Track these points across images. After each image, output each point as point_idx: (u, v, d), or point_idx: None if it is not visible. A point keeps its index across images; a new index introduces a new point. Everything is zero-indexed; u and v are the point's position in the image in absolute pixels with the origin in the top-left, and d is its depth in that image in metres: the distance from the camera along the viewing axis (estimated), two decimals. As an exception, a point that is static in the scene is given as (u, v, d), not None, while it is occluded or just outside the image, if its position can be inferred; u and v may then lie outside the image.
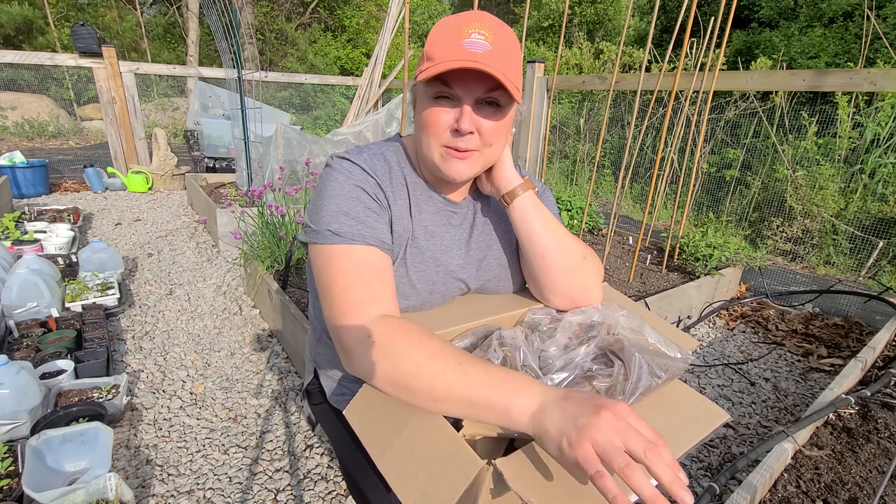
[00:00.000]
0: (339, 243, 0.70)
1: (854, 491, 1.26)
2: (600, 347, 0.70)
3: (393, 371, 0.61)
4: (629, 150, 2.49)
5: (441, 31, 0.68)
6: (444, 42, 0.67)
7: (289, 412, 1.62)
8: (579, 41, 9.14)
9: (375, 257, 0.71)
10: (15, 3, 10.39)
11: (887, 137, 3.48)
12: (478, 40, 0.66)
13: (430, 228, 0.81)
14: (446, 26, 0.68)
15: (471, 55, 0.65)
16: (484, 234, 0.87)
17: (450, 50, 0.66)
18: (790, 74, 2.34)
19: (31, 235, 2.77)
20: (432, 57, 0.67)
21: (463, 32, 0.66)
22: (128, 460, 1.38)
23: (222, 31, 3.28)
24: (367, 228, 0.71)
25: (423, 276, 0.80)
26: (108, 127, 4.61)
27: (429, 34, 0.70)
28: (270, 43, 12.09)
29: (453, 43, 0.66)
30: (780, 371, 2.01)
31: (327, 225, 0.70)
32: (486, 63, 0.64)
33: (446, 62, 0.65)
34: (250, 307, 2.36)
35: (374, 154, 0.79)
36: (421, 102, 0.73)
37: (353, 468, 0.81)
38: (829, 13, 7.18)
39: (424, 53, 0.70)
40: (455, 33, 0.67)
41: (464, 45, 0.65)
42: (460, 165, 0.72)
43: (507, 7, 16.29)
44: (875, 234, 3.27)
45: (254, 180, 3.48)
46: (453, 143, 0.71)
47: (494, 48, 0.66)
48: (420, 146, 0.76)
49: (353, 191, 0.73)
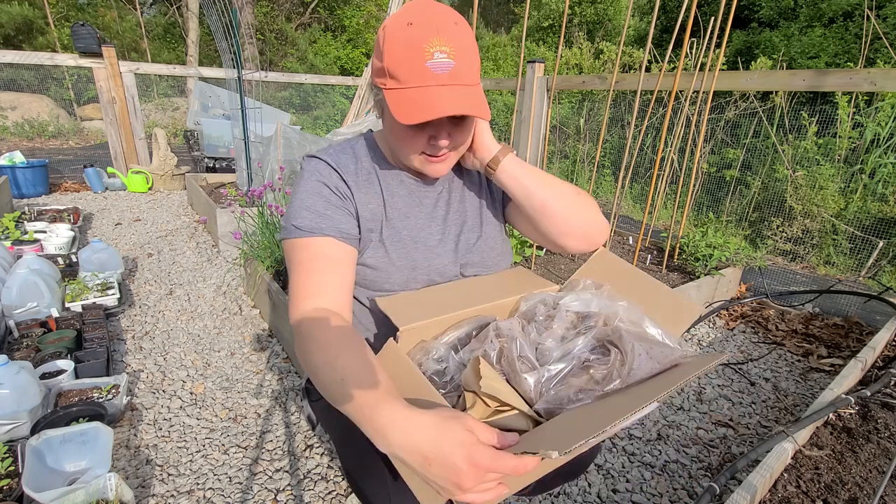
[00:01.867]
0: (299, 236, 0.77)
1: (854, 491, 1.26)
2: (598, 338, 0.71)
3: (304, 362, 0.68)
4: (629, 150, 2.49)
5: (401, 48, 0.69)
6: (407, 63, 0.68)
7: (289, 412, 1.62)
8: (579, 41, 9.14)
9: (331, 248, 0.77)
10: (15, 3, 10.39)
11: (887, 137, 3.48)
12: (440, 59, 0.68)
13: (403, 210, 0.86)
14: (406, 41, 0.68)
15: (435, 78, 0.68)
16: (459, 212, 0.91)
17: (415, 74, 0.68)
18: (790, 74, 2.34)
19: (31, 235, 2.77)
20: (397, 77, 0.69)
21: (425, 52, 0.67)
22: (128, 460, 1.38)
23: (222, 31, 3.28)
24: (326, 220, 0.77)
25: (403, 254, 0.84)
26: (108, 127, 4.61)
27: (385, 42, 0.70)
28: (270, 43, 12.09)
29: (417, 65, 0.68)
30: (780, 371, 2.01)
31: (292, 220, 0.78)
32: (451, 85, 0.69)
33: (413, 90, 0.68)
34: (250, 307, 2.36)
35: (342, 149, 0.86)
36: (390, 116, 0.75)
37: (353, 465, 0.81)
38: (829, 13, 7.18)
39: (385, 67, 0.70)
40: (417, 53, 0.68)
41: (427, 68, 0.68)
42: (439, 166, 0.80)
43: (507, 7, 16.30)
44: (875, 234, 3.27)
45: (254, 180, 3.48)
46: (430, 151, 0.77)
47: (457, 63, 0.69)
48: (397, 153, 0.82)
49: (315, 187, 0.80)
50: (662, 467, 1.45)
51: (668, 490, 1.36)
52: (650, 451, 1.51)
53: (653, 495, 1.34)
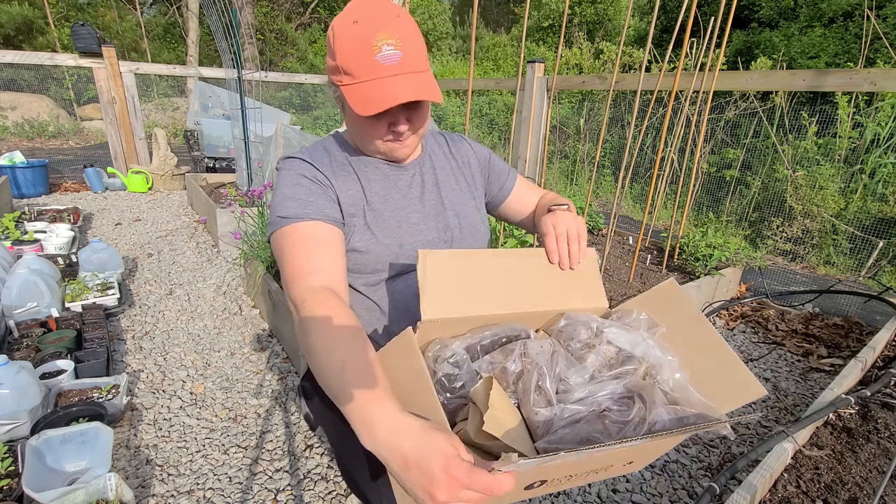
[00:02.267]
0: (286, 224, 0.79)
1: (854, 491, 1.26)
2: (628, 388, 0.64)
3: (304, 342, 0.68)
4: (629, 150, 2.49)
5: (350, 45, 0.73)
6: (358, 59, 0.73)
7: (289, 412, 1.62)
8: (579, 41, 9.14)
9: (320, 229, 0.79)
10: (15, 3, 10.39)
11: (887, 137, 3.48)
12: (388, 52, 0.72)
13: (381, 193, 0.89)
14: (354, 39, 0.73)
15: (386, 70, 0.72)
16: (434, 194, 0.94)
17: (366, 68, 0.73)
18: (790, 74, 2.34)
19: (31, 235, 2.77)
20: (350, 73, 0.74)
21: (373, 46, 0.72)
22: (128, 460, 1.38)
23: (222, 31, 3.28)
24: (310, 206, 0.80)
25: (388, 234, 0.86)
26: (108, 127, 4.61)
27: (335, 41, 0.74)
28: (270, 43, 12.09)
29: (367, 59, 0.72)
30: (780, 371, 2.01)
31: (277, 212, 0.80)
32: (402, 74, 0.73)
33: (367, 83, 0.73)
34: (250, 307, 2.36)
35: (313, 148, 0.91)
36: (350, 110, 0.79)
37: (349, 460, 0.82)
38: (829, 13, 7.18)
39: (338, 65, 0.75)
40: (366, 48, 0.72)
41: (377, 61, 0.72)
42: (403, 149, 0.85)
43: (507, 7, 16.30)
44: (875, 234, 3.27)
45: (254, 180, 3.48)
46: (392, 137, 0.82)
47: (405, 53, 0.73)
48: (362, 145, 0.87)
49: (295, 178, 0.83)
50: (662, 467, 1.45)
51: (668, 490, 1.36)
52: (650, 451, 1.51)
53: (653, 495, 1.34)
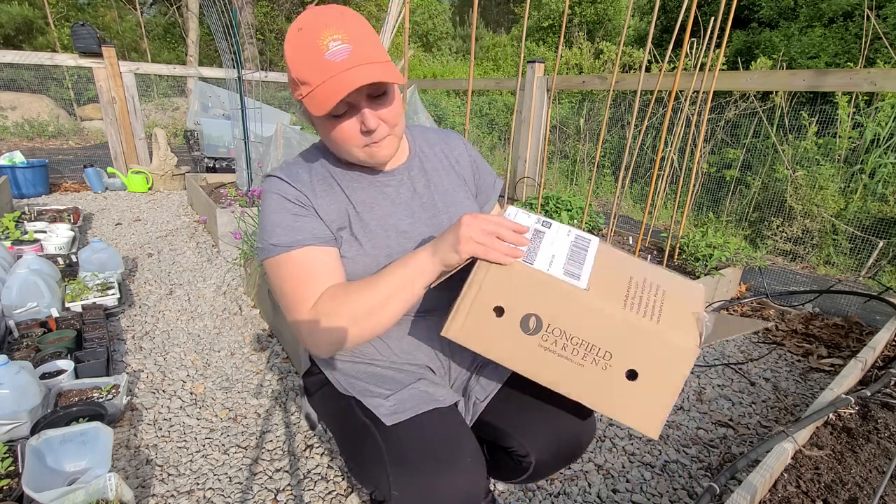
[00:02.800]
0: (280, 253, 0.80)
1: (854, 491, 1.26)
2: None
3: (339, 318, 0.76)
4: (629, 150, 2.49)
5: (299, 52, 0.73)
6: (308, 63, 0.72)
7: (289, 412, 1.62)
8: (579, 41, 9.14)
9: (315, 254, 0.81)
10: (15, 3, 10.39)
11: (887, 137, 3.48)
12: (336, 47, 0.71)
13: (367, 202, 0.88)
14: (301, 44, 0.72)
15: (338, 66, 0.70)
16: (426, 196, 0.93)
17: (318, 70, 0.71)
18: (790, 74, 2.34)
19: (31, 235, 2.77)
20: (306, 81, 0.73)
21: (320, 46, 0.71)
22: (128, 460, 1.38)
23: (222, 31, 3.28)
24: (300, 232, 0.81)
25: (376, 243, 0.87)
26: (108, 127, 4.61)
27: (286, 53, 0.74)
28: (270, 43, 12.09)
29: (316, 61, 0.71)
30: (780, 371, 2.01)
31: (268, 239, 0.81)
32: (355, 67, 0.71)
33: (322, 86, 0.71)
34: (250, 307, 2.36)
35: (294, 161, 0.90)
36: (321, 123, 0.80)
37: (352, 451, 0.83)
38: (829, 13, 7.17)
39: (294, 78, 0.75)
40: (313, 50, 0.71)
41: (328, 60, 0.71)
42: (383, 151, 0.82)
43: (507, 7, 16.30)
44: (875, 234, 3.27)
45: (254, 180, 3.48)
46: (367, 141, 0.80)
47: (354, 45, 0.72)
48: (341, 154, 0.85)
49: (278, 202, 0.83)
50: (662, 467, 1.45)
51: (668, 490, 1.36)
52: (650, 450, 1.51)
53: (653, 495, 1.34)
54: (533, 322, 0.68)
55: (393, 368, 0.91)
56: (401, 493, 0.70)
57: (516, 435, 0.86)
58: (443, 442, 0.76)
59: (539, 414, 0.87)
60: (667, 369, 0.67)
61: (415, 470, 0.71)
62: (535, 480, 1.04)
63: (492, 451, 0.95)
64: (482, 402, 0.92)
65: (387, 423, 0.78)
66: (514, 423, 0.87)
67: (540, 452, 0.85)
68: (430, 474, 0.71)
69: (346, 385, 0.89)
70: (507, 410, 0.90)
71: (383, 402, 0.82)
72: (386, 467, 0.73)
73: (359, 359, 0.92)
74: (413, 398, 0.83)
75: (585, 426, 0.88)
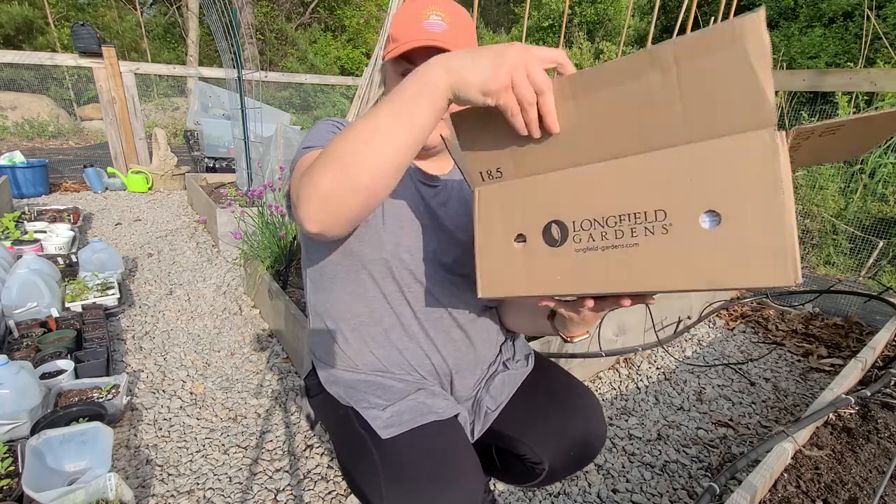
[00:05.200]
0: (307, 152, 0.77)
1: (854, 491, 1.26)
2: None
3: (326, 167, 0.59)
4: (629, 150, 2.50)
5: (403, 15, 0.79)
6: (406, 25, 0.77)
7: (289, 412, 1.62)
8: (579, 41, 9.14)
9: None
10: (15, 3, 10.39)
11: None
12: (436, 21, 0.76)
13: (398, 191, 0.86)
14: (407, 11, 0.79)
15: (430, 34, 0.75)
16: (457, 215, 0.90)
17: (412, 31, 0.76)
18: (790, 74, 2.34)
19: (31, 235, 2.77)
20: (397, 38, 0.78)
21: (422, 15, 0.77)
22: (128, 460, 1.38)
23: (222, 31, 3.28)
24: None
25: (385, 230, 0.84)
26: (108, 127, 4.61)
27: (392, 18, 0.81)
28: (270, 43, 12.09)
29: (414, 25, 0.76)
30: (780, 371, 2.01)
31: (302, 145, 0.81)
32: (442, 41, 0.74)
33: (409, 42, 0.75)
34: (250, 307, 2.36)
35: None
36: (390, 80, 0.84)
37: (348, 458, 0.82)
38: (829, 13, 7.18)
39: (389, 36, 0.80)
40: (415, 16, 0.77)
41: (424, 27, 0.76)
42: (434, 132, 0.80)
43: (507, 7, 16.30)
44: (875, 234, 3.27)
45: (254, 180, 3.48)
46: None
47: (450, 27, 0.77)
48: None
49: (329, 127, 0.86)
50: (662, 467, 1.45)
51: (668, 490, 1.36)
52: (650, 451, 1.51)
53: (653, 495, 1.34)
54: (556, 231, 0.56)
55: (392, 378, 0.89)
56: None
57: (528, 442, 0.86)
58: (439, 457, 0.74)
59: (550, 420, 0.86)
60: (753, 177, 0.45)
61: (410, 489, 0.69)
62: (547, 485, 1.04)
63: (503, 456, 0.95)
64: (493, 412, 0.91)
65: (382, 437, 0.76)
66: (526, 431, 0.87)
67: (553, 458, 0.85)
68: (426, 493, 0.69)
69: (344, 396, 0.87)
70: (518, 418, 0.89)
71: (380, 415, 0.80)
72: (380, 483, 0.72)
73: (356, 369, 0.91)
74: (411, 410, 0.81)
75: (596, 431, 0.87)
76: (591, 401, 0.90)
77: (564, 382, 0.94)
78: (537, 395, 0.89)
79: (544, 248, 0.56)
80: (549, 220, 0.56)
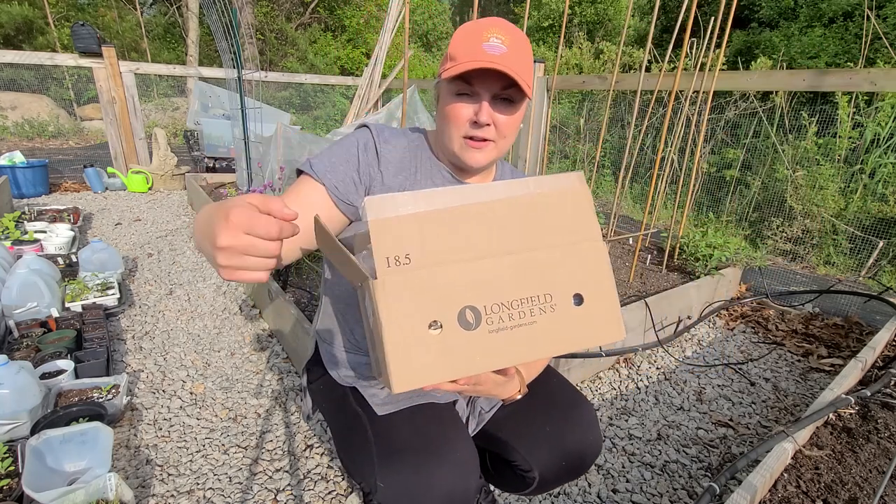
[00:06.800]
0: (303, 173, 0.82)
1: (854, 491, 1.26)
2: None
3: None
4: (629, 150, 2.49)
5: (463, 35, 0.78)
6: (466, 45, 0.76)
7: (289, 412, 1.62)
8: (579, 41, 9.13)
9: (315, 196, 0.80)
10: (15, 3, 10.39)
11: (887, 137, 3.48)
12: (496, 44, 0.75)
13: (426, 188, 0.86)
14: (468, 30, 0.78)
15: (489, 57, 0.74)
16: None
17: (471, 52, 0.75)
18: (790, 74, 2.34)
19: (31, 235, 2.77)
20: (455, 58, 0.77)
21: (483, 37, 0.76)
22: (128, 460, 1.38)
23: (222, 31, 3.28)
24: (330, 173, 0.81)
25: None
26: (108, 127, 4.61)
27: (452, 37, 0.80)
28: (270, 43, 12.09)
29: (474, 46, 0.75)
30: (780, 371, 2.01)
31: (312, 156, 0.83)
32: (501, 64, 0.73)
33: (468, 62, 0.74)
34: (250, 307, 2.36)
35: (395, 130, 0.89)
36: (444, 98, 0.82)
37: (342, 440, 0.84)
38: (829, 13, 7.18)
39: (448, 54, 0.79)
40: (476, 37, 0.76)
41: (483, 49, 0.75)
42: (477, 154, 0.82)
43: (508, 7, 16.28)
44: (875, 234, 3.27)
45: (254, 180, 3.48)
46: (472, 133, 0.79)
47: (510, 51, 0.75)
48: (442, 137, 0.84)
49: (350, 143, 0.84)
50: (662, 467, 1.45)
51: (668, 490, 1.36)
52: (650, 451, 1.51)
53: (653, 495, 1.34)
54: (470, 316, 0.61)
55: None
56: (386, 484, 0.69)
57: (520, 449, 0.85)
58: (433, 434, 0.75)
59: (544, 428, 0.85)
60: (595, 271, 0.64)
61: (401, 461, 0.70)
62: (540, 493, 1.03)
63: (496, 463, 0.94)
64: (487, 413, 0.91)
65: (378, 413, 0.78)
66: (518, 437, 0.86)
67: (543, 468, 0.84)
68: (417, 466, 0.69)
69: (345, 376, 0.90)
70: (512, 423, 0.88)
71: (378, 393, 0.82)
72: (373, 458, 0.72)
73: (359, 351, 0.92)
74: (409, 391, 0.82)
75: (591, 442, 0.85)
76: (589, 412, 0.88)
77: (562, 390, 0.92)
78: (534, 402, 0.87)
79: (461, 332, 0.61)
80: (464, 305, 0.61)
